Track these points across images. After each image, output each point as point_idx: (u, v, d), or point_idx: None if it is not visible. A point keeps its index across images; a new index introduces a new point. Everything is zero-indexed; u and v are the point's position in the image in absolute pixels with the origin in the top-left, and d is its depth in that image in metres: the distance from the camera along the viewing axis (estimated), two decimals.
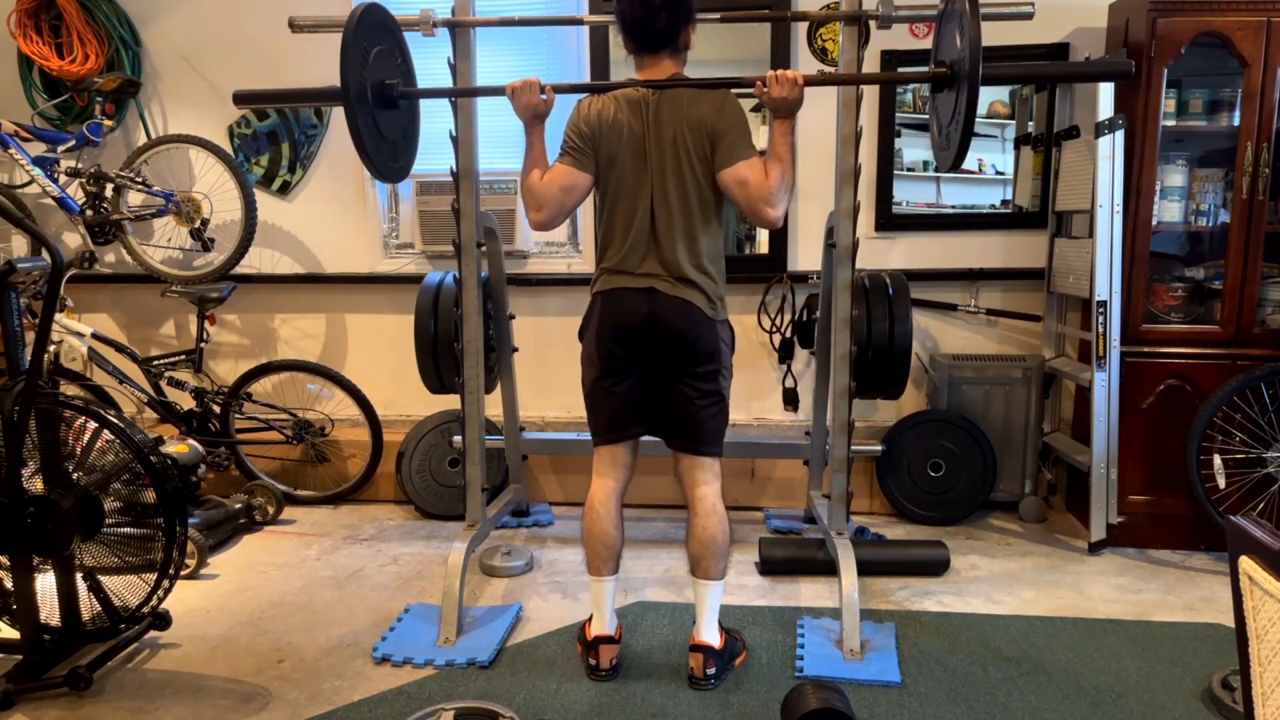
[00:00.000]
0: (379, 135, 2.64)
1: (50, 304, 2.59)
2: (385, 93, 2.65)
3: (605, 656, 2.64)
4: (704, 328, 2.53)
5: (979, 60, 2.24)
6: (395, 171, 2.82)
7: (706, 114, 2.46)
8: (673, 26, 2.48)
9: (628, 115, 2.51)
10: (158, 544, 2.66)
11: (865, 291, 3.28)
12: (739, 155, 2.45)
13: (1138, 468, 3.55)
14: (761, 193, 2.42)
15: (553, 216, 2.56)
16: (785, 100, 2.44)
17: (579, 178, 2.54)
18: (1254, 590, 1.18)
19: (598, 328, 2.58)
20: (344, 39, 2.47)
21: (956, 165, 2.47)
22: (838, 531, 3.08)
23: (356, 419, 4.14)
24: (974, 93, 2.27)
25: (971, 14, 2.26)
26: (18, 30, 4.09)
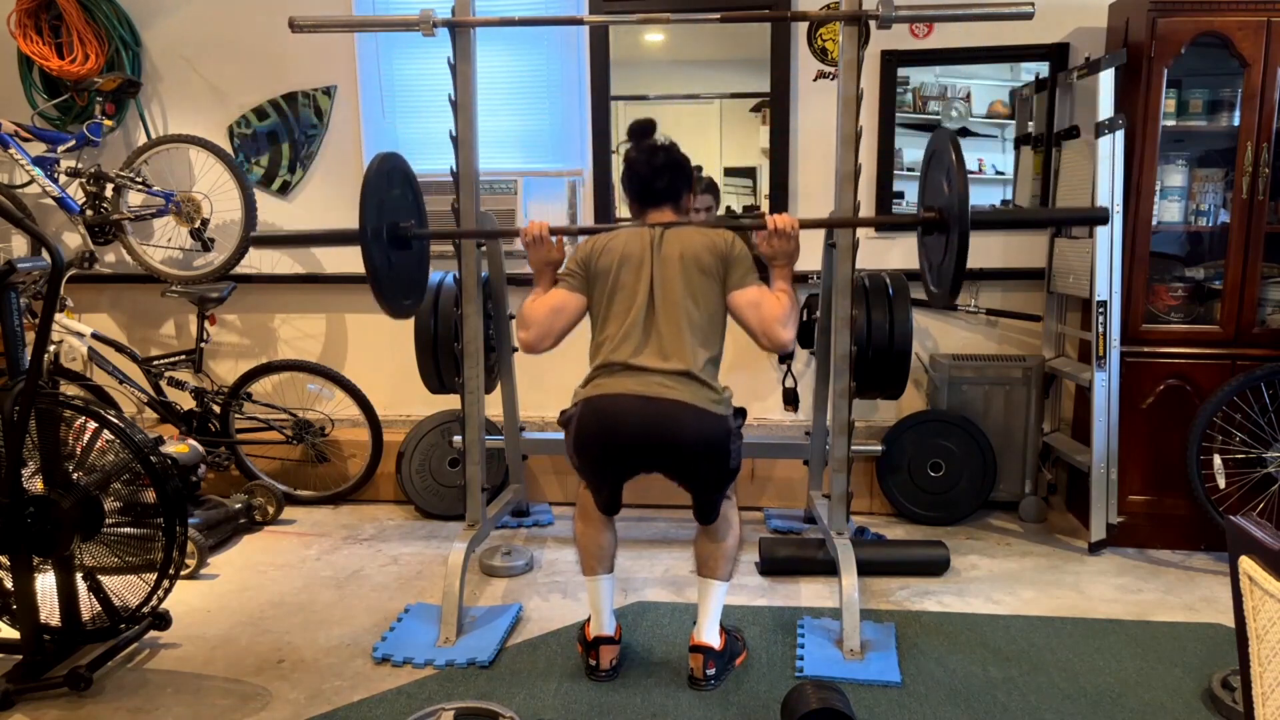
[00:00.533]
0: (391, 271, 2.71)
1: (50, 304, 2.59)
2: (399, 234, 2.72)
3: (605, 657, 2.64)
4: (706, 423, 2.41)
5: (968, 210, 2.36)
6: (405, 309, 2.87)
7: (718, 241, 2.52)
8: (674, 188, 2.59)
9: (627, 238, 2.55)
10: (158, 544, 2.66)
11: (865, 291, 3.28)
12: (751, 281, 2.51)
13: (1138, 468, 3.55)
14: (774, 313, 2.47)
15: (539, 337, 2.56)
16: (784, 250, 2.54)
17: (569, 299, 2.56)
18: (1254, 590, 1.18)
19: (581, 439, 2.47)
20: (363, 186, 2.58)
21: (951, 300, 2.55)
22: (838, 531, 3.08)
23: (356, 419, 4.14)
24: (964, 237, 2.38)
25: (959, 167, 2.39)
26: (18, 30, 4.09)
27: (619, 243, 2.54)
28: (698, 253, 2.49)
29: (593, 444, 2.48)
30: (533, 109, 4.17)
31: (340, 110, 4.24)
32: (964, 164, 2.39)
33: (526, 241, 2.62)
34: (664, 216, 2.60)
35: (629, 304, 2.48)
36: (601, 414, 2.44)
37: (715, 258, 2.49)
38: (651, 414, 2.39)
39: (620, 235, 2.57)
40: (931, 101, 4.17)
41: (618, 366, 2.45)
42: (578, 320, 2.59)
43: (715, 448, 2.44)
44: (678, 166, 2.59)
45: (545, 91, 4.16)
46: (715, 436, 2.43)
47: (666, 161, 2.57)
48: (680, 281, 2.47)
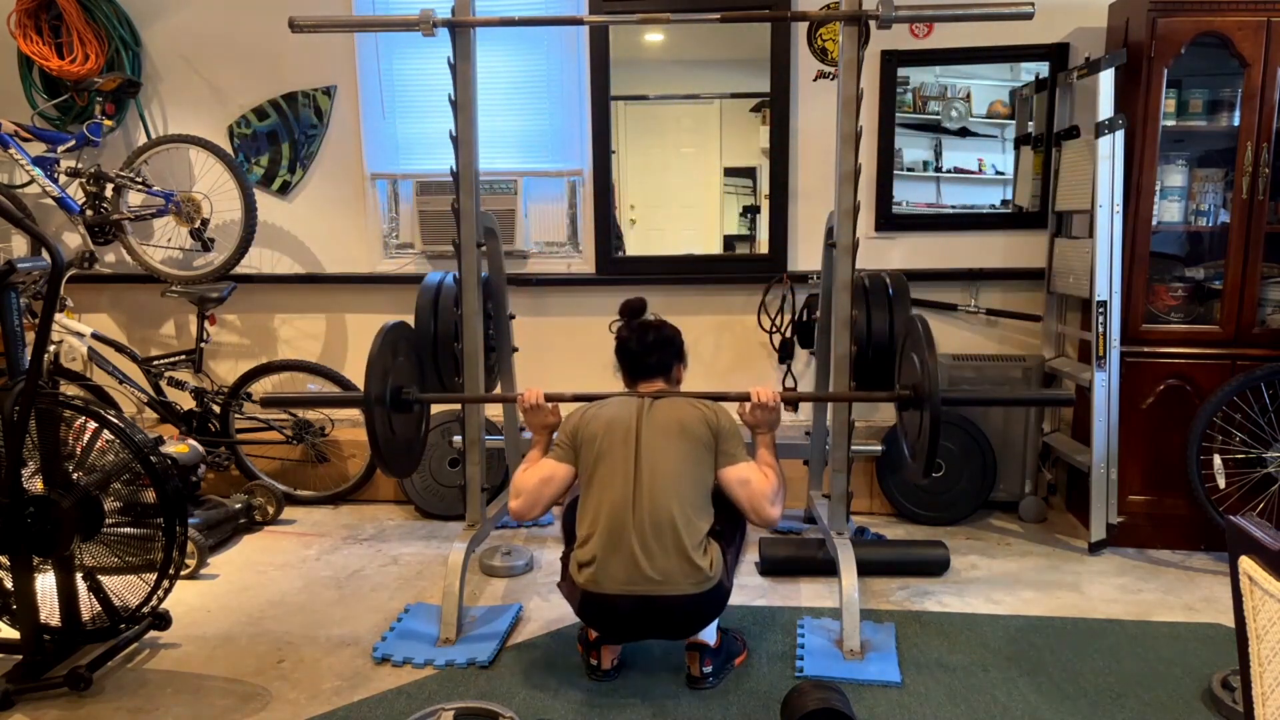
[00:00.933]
0: (391, 434, 2.81)
1: (50, 304, 2.59)
2: (400, 398, 2.83)
3: (607, 657, 2.64)
4: (700, 603, 2.49)
5: (937, 389, 2.55)
6: (404, 470, 2.99)
7: (707, 413, 2.58)
8: (664, 363, 2.71)
9: (617, 406, 2.62)
10: (158, 544, 2.66)
11: (865, 291, 3.28)
12: (741, 457, 2.58)
13: (1138, 468, 3.55)
14: (764, 491, 2.55)
15: (528, 506, 2.63)
16: (765, 420, 2.67)
17: (558, 469, 2.62)
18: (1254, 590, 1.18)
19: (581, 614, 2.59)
20: (369, 357, 2.70)
21: (926, 475, 2.70)
22: (838, 531, 3.08)
23: (356, 419, 4.14)
24: (936, 415, 2.55)
25: (929, 348, 2.59)
26: (18, 30, 4.09)
27: (608, 410, 2.63)
28: (689, 421, 2.56)
29: (595, 626, 2.61)
30: (533, 109, 4.17)
31: (340, 110, 4.24)
32: (934, 351, 2.59)
33: (523, 408, 2.75)
34: (655, 387, 2.69)
35: (616, 471, 2.52)
36: (601, 612, 2.53)
37: (706, 428, 2.56)
38: (648, 610, 2.47)
39: (611, 403, 2.66)
40: (931, 101, 4.18)
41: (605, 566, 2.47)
42: (567, 488, 2.66)
43: (712, 613, 2.57)
44: (668, 343, 2.72)
45: (545, 91, 4.16)
46: (711, 608, 2.54)
47: (657, 339, 2.70)
48: (671, 450, 2.53)
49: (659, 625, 2.53)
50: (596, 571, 2.48)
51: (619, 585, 2.45)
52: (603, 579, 2.47)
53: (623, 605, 2.47)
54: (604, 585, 2.47)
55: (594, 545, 2.49)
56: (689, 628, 2.55)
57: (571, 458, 2.62)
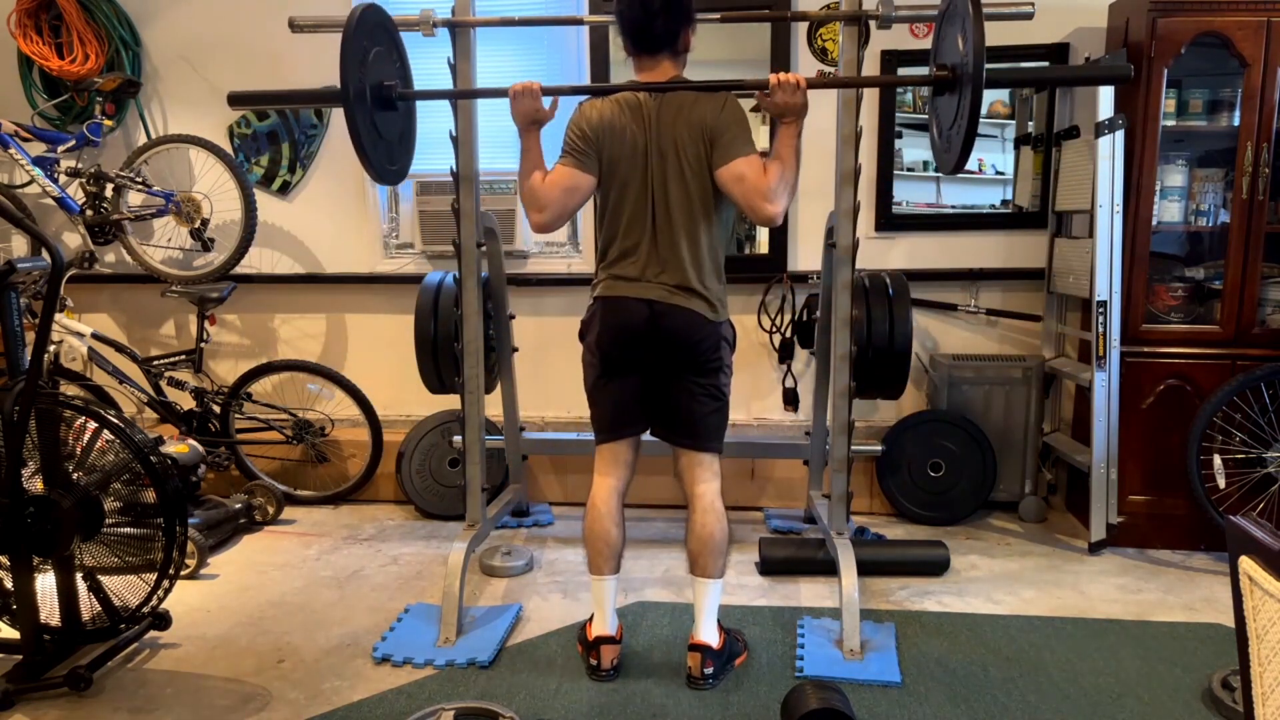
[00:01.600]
0: (377, 136, 2.63)
1: (50, 304, 2.59)
2: (383, 94, 2.64)
3: (607, 656, 2.64)
4: (705, 330, 2.53)
5: (983, 63, 2.21)
6: (392, 174, 2.82)
7: (706, 115, 2.46)
8: (671, 29, 2.48)
9: (629, 119, 2.51)
10: (158, 544, 2.66)
11: (865, 291, 3.28)
12: (737, 152, 2.43)
13: (1138, 468, 3.55)
14: (759, 187, 2.40)
15: (556, 217, 2.54)
16: (790, 104, 2.43)
17: (581, 179, 2.52)
18: (1254, 590, 1.18)
19: (599, 332, 2.58)
20: (343, 39, 2.46)
21: (958, 169, 2.45)
22: (838, 531, 3.08)
23: (356, 419, 4.14)
24: (978, 97, 2.24)
25: (975, 16, 2.23)
26: (18, 30, 4.09)
27: (620, 121, 2.49)
28: (688, 137, 2.46)
29: (609, 335, 2.56)
30: None
31: (340, 110, 4.23)
32: (981, 17, 2.21)
33: (514, 90, 2.52)
34: (660, 69, 2.52)
35: (631, 222, 2.52)
36: (619, 307, 2.54)
37: (703, 136, 2.44)
38: (657, 314, 2.50)
39: (620, 109, 2.50)
40: None
41: (627, 279, 2.53)
42: (589, 199, 2.61)
43: (707, 345, 2.53)
44: (675, 5, 2.46)
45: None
46: (707, 335, 2.53)
47: (664, 4, 2.44)
48: (675, 185, 2.48)
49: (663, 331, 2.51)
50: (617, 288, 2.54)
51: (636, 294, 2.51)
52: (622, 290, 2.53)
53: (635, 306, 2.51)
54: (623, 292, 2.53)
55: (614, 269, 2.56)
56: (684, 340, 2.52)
57: (593, 168, 2.52)
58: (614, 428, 2.65)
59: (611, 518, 2.65)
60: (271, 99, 3.21)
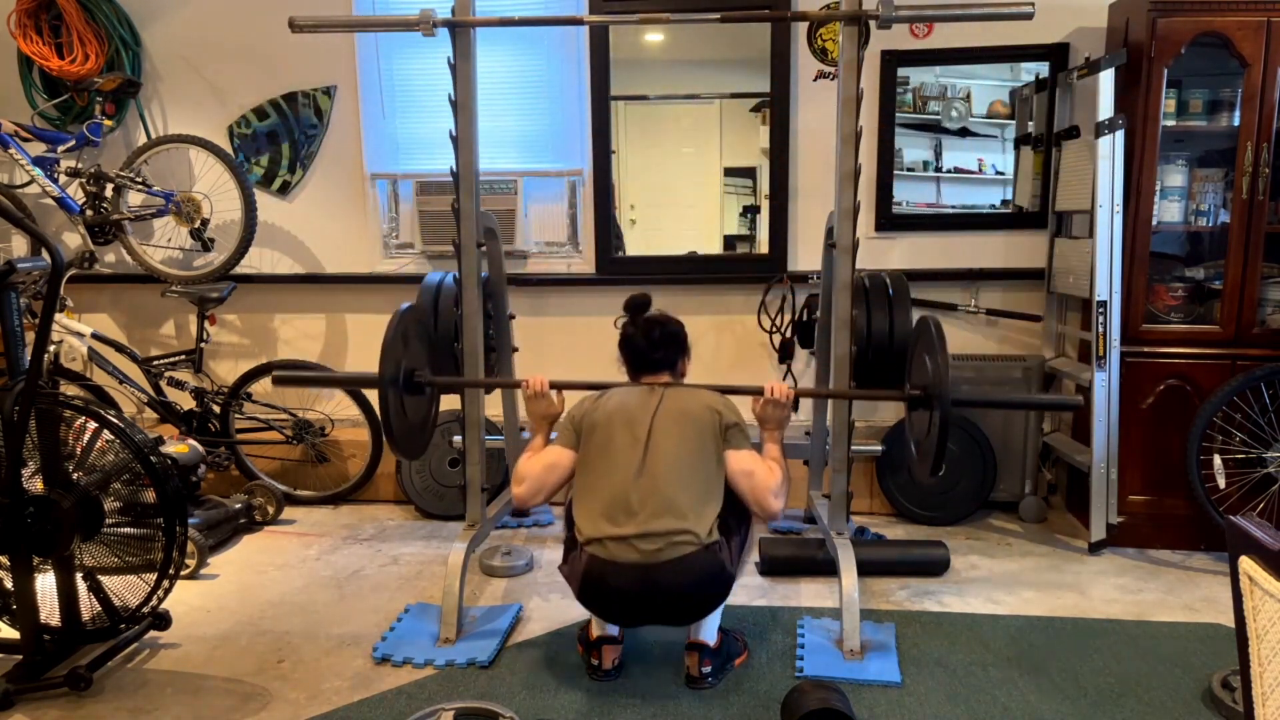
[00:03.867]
0: (404, 415, 2.81)
1: (50, 304, 2.59)
2: (412, 381, 2.84)
3: (609, 656, 2.64)
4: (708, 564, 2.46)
5: (948, 390, 2.52)
6: (414, 452, 2.98)
7: (714, 402, 2.62)
8: (670, 356, 2.73)
9: (625, 395, 2.64)
10: (158, 544, 2.66)
11: (865, 291, 3.28)
12: (745, 446, 2.59)
13: (1138, 468, 3.55)
14: (767, 484, 2.55)
15: (532, 493, 2.64)
16: (775, 417, 2.68)
17: (562, 455, 2.63)
18: (1254, 590, 1.18)
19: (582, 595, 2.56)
20: (385, 339, 2.71)
21: (934, 475, 2.67)
22: (838, 531, 3.08)
23: (356, 419, 4.13)
24: (945, 415, 2.52)
25: (940, 349, 2.57)
26: (18, 30, 4.09)
27: (614, 399, 2.65)
28: (697, 410, 2.59)
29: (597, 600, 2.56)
30: (533, 109, 4.17)
31: (340, 110, 4.24)
32: (945, 350, 2.57)
33: (527, 395, 2.76)
34: (661, 379, 2.71)
35: (620, 459, 2.53)
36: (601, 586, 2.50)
37: (714, 415, 2.58)
38: (649, 583, 2.45)
39: (617, 393, 2.68)
40: (931, 101, 4.18)
41: (614, 540, 2.47)
42: (571, 475, 2.65)
43: (714, 591, 2.54)
44: (673, 339, 2.73)
45: (545, 91, 4.16)
46: (713, 585, 2.52)
47: (663, 336, 2.70)
48: (677, 437, 2.54)
49: (660, 603, 2.49)
50: (598, 546, 2.48)
51: (619, 556, 2.45)
52: (603, 551, 2.47)
53: (623, 579, 2.45)
54: (604, 556, 2.47)
55: (597, 522, 2.50)
56: (689, 609, 2.52)
57: (575, 443, 2.62)
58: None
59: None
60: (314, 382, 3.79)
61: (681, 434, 2.54)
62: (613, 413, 2.60)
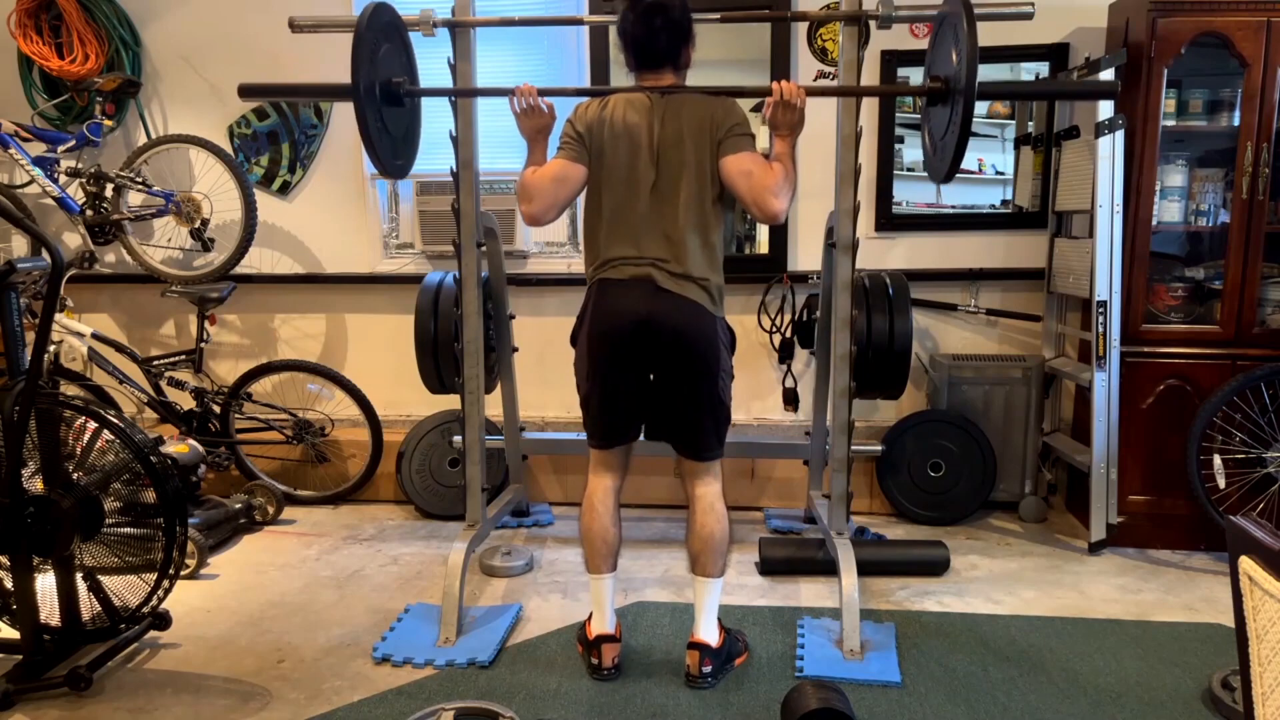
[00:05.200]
0: (385, 131, 2.66)
1: (50, 304, 2.59)
2: (392, 90, 2.67)
3: (608, 655, 2.64)
4: (703, 324, 2.50)
5: (975, 77, 2.27)
6: (398, 168, 2.84)
7: (714, 111, 2.50)
8: (673, 47, 2.54)
9: (625, 111, 2.52)
10: (158, 544, 2.66)
11: (865, 291, 3.28)
12: (743, 147, 2.48)
13: (1138, 468, 3.55)
14: (765, 183, 2.43)
15: (544, 209, 2.54)
16: (788, 120, 2.51)
17: (571, 169, 2.53)
18: (1254, 590, 1.18)
19: (590, 330, 2.55)
20: (355, 35, 2.50)
21: (949, 178, 2.51)
22: (838, 531, 3.08)
23: (356, 419, 4.14)
24: (969, 109, 2.29)
25: (969, 30, 2.28)
26: (18, 30, 4.09)
27: (619, 114, 2.51)
28: (698, 128, 2.47)
29: (603, 327, 2.52)
30: None
31: (340, 110, 4.23)
32: (975, 32, 2.26)
33: (518, 111, 2.58)
34: (662, 79, 2.55)
35: (629, 185, 2.49)
36: (614, 296, 2.50)
37: (709, 129, 2.47)
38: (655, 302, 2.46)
39: (618, 104, 2.53)
40: None
41: (623, 261, 2.49)
42: (580, 190, 2.58)
43: (704, 342, 2.49)
44: (676, 27, 2.51)
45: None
46: (707, 331, 2.49)
47: (665, 24, 2.50)
48: (681, 165, 2.47)
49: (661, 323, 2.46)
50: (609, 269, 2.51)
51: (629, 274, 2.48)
52: (614, 273, 2.50)
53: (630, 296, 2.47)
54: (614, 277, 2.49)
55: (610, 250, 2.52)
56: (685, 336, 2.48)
57: (584, 158, 2.53)
58: (608, 435, 2.64)
59: (609, 515, 2.65)
60: (283, 91, 3.25)
61: (686, 161, 2.46)
62: (617, 133, 2.49)
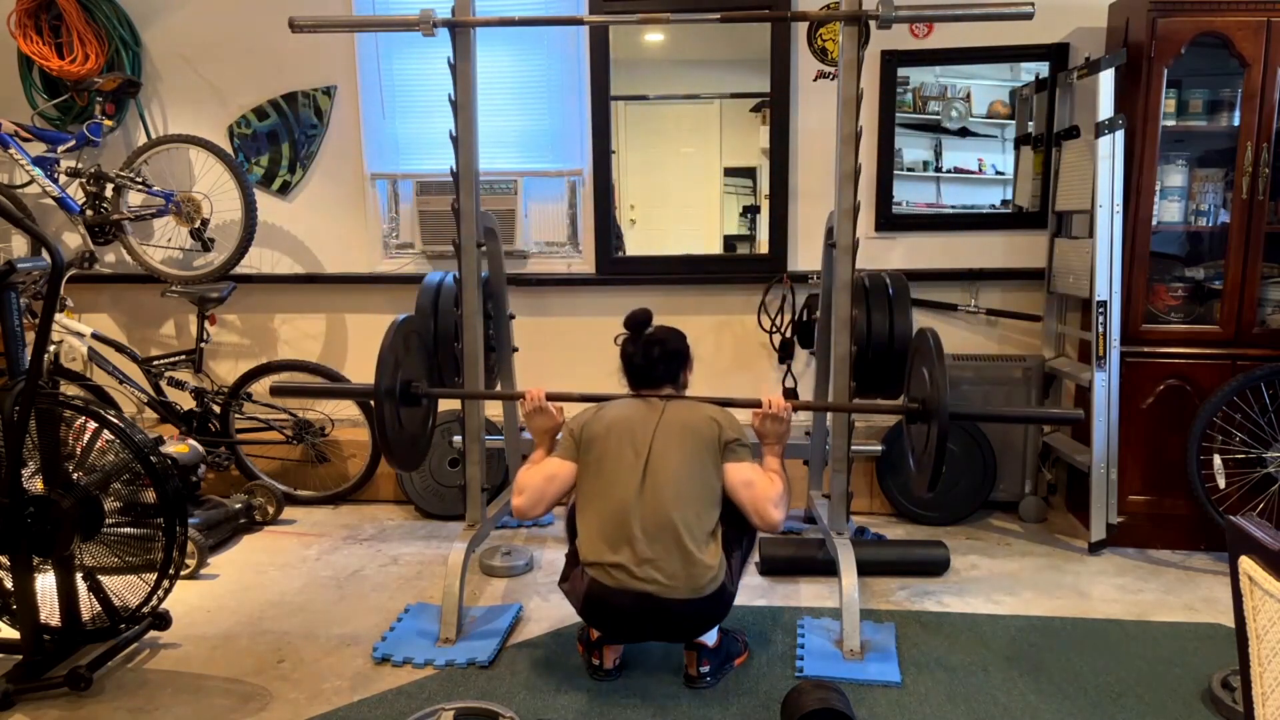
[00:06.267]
0: (400, 427, 2.81)
1: (50, 304, 2.59)
2: (409, 392, 2.85)
3: (609, 656, 2.64)
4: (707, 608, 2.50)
5: (946, 404, 2.52)
6: (411, 462, 3.01)
7: (716, 415, 2.61)
8: (671, 371, 2.70)
9: (628, 407, 2.63)
10: (158, 544, 2.66)
11: (865, 291, 3.27)
12: (745, 458, 2.58)
13: (1138, 468, 3.55)
14: (768, 494, 2.54)
15: (531, 504, 2.63)
16: (775, 432, 2.66)
17: (561, 467, 2.63)
18: (1254, 590, 1.18)
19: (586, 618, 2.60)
20: (381, 350, 2.73)
21: (932, 488, 2.67)
22: (838, 531, 3.08)
23: (356, 419, 4.14)
24: (944, 430, 2.53)
25: (938, 362, 2.56)
26: (18, 30, 4.08)
27: (615, 411, 2.64)
28: (697, 422, 2.58)
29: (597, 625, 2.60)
30: (533, 109, 4.16)
31: (340, 110, 4.24)
32: (944, 363, 2.56)
33: (526, 411, 2.75)
34: (663, 391, 2.70)
35: (621, 475, 2.52)
36: (603, 609, 2.52)
37: (714, 427, 2.58)
38: (650, 610, 2.47)
39: (618, 404, 2.67)
40: (931, 101, 4.18)
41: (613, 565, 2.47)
42: (571, 486, 2.65)
43: (714, 618, 2.57)
44: (674, 356, 2.70)
45: (545, 91, 4.16)
46: (713, 613, 2.54)
47: (663, 354, 2.68)
48: (677, 451, 2.54)
49: (660, 627, 2.53)
50: (599, 570, 2.49)
51: (621, 583, 2.46)
52: (605, 577, 2.47)
53: (625, 603, 2.47)
54: (607, 583, 2.47)
55: (597, 544, 2.51)
56: (691, 631, 2.55)
57: (575, 454, 2.62)
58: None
59: None
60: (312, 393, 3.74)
61: (682, 448, 2.54)
62: (613, 424, 2.59)
